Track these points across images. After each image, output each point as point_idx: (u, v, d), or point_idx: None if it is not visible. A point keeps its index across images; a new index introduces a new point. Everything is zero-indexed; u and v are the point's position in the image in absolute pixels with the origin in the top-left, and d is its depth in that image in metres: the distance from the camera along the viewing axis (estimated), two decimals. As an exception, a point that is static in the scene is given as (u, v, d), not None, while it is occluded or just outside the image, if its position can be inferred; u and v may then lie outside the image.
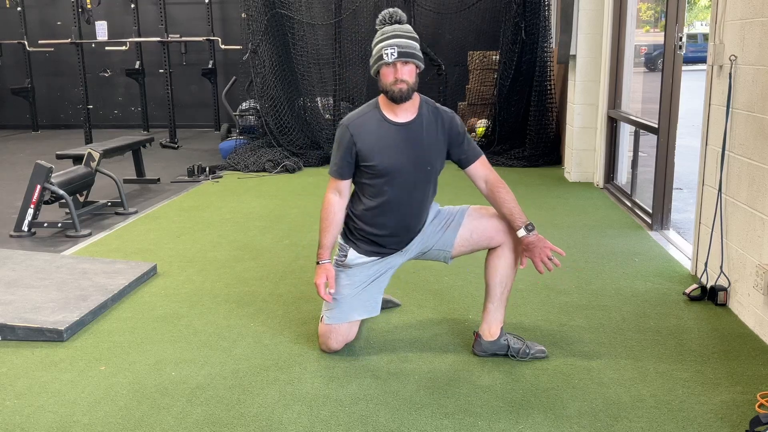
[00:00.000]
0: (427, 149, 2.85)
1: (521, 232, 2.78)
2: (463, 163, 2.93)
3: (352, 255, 2.94)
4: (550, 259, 2.76)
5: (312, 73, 8.11)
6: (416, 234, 2.95)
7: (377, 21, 2.84)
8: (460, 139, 2.89)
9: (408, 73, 2.73)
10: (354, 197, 2.96)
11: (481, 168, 2.92)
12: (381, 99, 2.86)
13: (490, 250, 2.90)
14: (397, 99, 2.76)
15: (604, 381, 2.68)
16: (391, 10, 2.82)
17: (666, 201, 4.78)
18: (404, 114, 2.83)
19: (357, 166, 2.86)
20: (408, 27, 2.80)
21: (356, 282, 2.94)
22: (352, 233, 2.96)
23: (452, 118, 2.90)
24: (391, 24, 2.80)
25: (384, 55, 2.72)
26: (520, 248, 2.82)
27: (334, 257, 3.00)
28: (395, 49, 2.70)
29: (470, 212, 2.95)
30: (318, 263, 2.92)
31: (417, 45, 2.78)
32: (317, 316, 3.35)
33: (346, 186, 2.92)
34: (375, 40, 2.79)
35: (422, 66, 2.81)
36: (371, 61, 2.81)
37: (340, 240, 3.00)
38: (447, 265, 3.13)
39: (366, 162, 2.82)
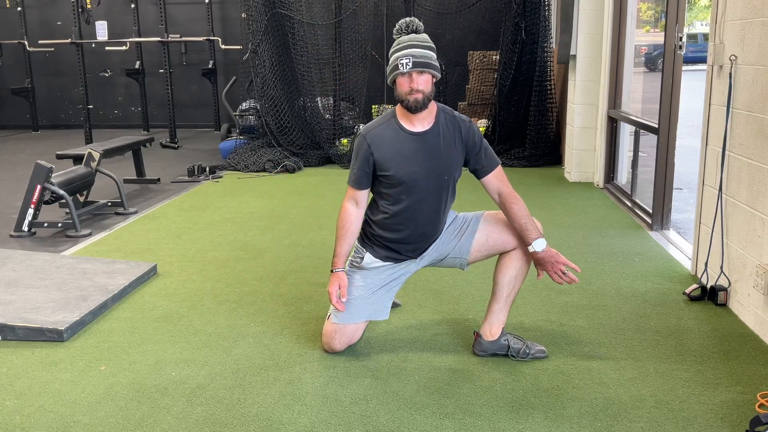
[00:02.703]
0: (444, 159, 2.84)
1: (530, 248, 2.80)
2: (478, 174, 2.92)
3: (368, 259, 2.95)
4: (564, 273, 2.78)
5: (312, 73, 8.11)
6: (433, 242, 2.95)
7: (394, 30, 2.83)
8: (477, 148, 2.88)
9: (423, 83, 2.72)
10: (372, 204, 2.97)
11: (495, 180, 2.90)
12: (398, 108, 2.85)
13: (503, 252, 2.92)
14: (413, 108, 2.76)
15: (604, 381, 2.68)
16: (408, 19, 2.81)
17: (666, 201, 4.78)
18: (421, 123, 2.83)
19: (375, 175, 2.87)
20: (425, 36, 2.79)
21: (369, 285, 2.95)
22: (369, 238, 2.97)
23: (470, 128, 2.88)
24: (408, 33, 2.79)
25: (399, 65, 2.71)
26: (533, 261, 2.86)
27: (350, 259, 3.01)
28: (410, 59, 2.70)
29: (486, 217, 2.96)
30: (332, 271, 2.94)
31: (433, 54, 2.77)
32: (317, 316, 3.35)
33: (364, 196, 2.92)
34: (392, 50, 2.80)
35: (439, 75, 2.80)
36: (387, 70, 2.81)
37: (357, 243, 3.01)
38: (464, 271, 3.10)
39: (383, 172, 2.83)
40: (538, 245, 2.78)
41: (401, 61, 2.71)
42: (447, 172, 2.85)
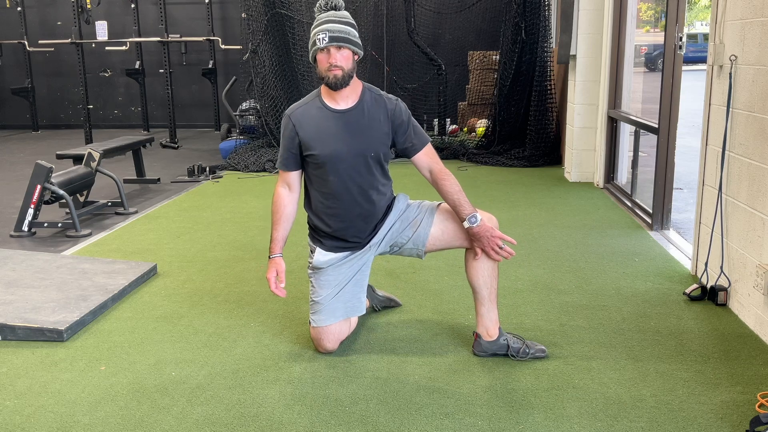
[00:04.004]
0: (369, 135, 2.84)
1: (465, 224, 2.79)
2: (408, 152, 2.92)
3: (320, 254, 2.95)
4: (501, 248, 2.78)
5: (312, 73, 8.11)
6: (378, 223, 2.94)
7: (315, 9, 2.83)
8: (405, 126, 2.88)
9: (343, 59, 2.73)
10: (306, 196, 2.98)
11: (426, 158, 2.91)
12: (322, 87, 2.86)
13: (467, 251, 2.90)
14: (332, 85, 2.76)
15: (604, 381, 2.68)
16: None
17: (666, 201, 4.78)
18: (344, 101, 2.84)
19: (302, 157, 2.87)
20: (345, 13, 2.80)
21: (332, 282, 2.94)
22: (315, 231, 2.98)
23: (396, 105, 2.89)
24: (327, 11, 2.79)
25: (317, 41, 2.72)
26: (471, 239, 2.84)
27: (308, 261, 3.01)
28: (327, 34, 2.70)
29: (440, 211, 2.95)
30: (269, 257, 2.94)
31: (353, 31, 2.77)
32: (317, 316, 3.36)
33: (295, 178, 2.93)
34: (311, 28, 2.80)
35: (360, 53, 2.80)
36: (309, 46, 2.81)
37: (309, 242, 3.03)
38: (422, 260, 3.12)
39: (309, 151, 2.83)
40: (473, 220, 2.77)
41: (318, 37, 2.71)
42: (372, 148, 2.84)
